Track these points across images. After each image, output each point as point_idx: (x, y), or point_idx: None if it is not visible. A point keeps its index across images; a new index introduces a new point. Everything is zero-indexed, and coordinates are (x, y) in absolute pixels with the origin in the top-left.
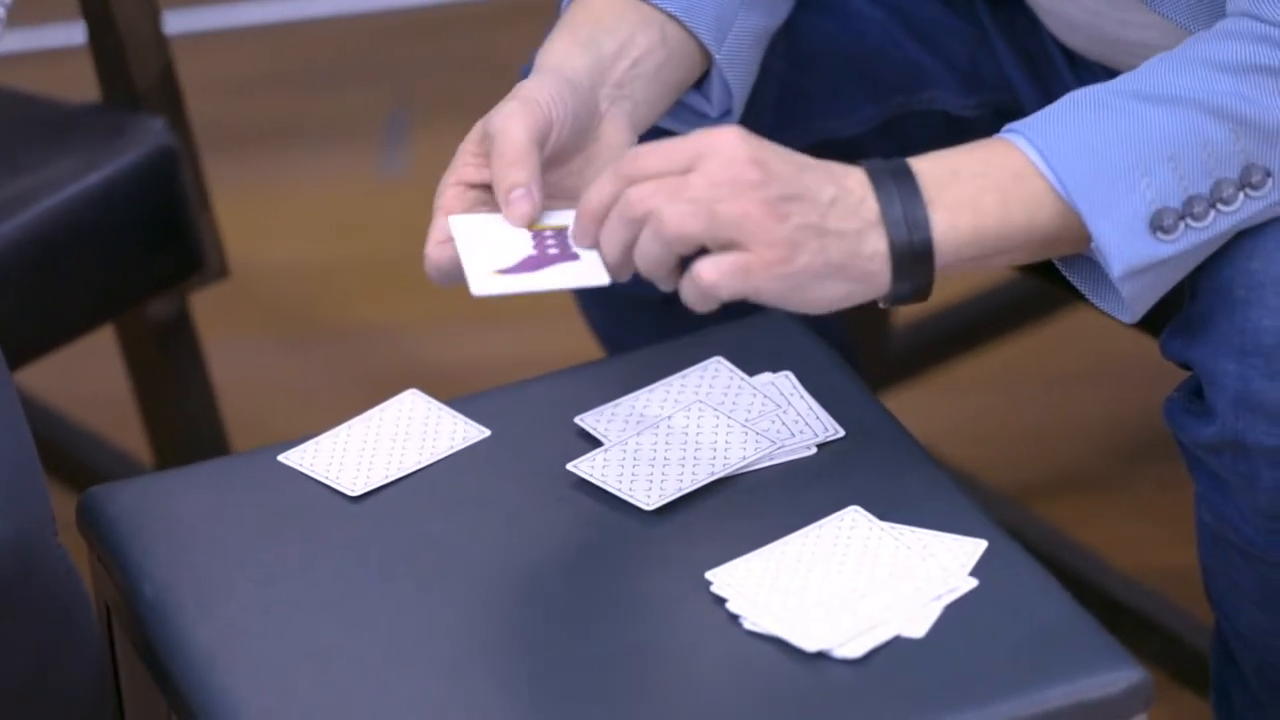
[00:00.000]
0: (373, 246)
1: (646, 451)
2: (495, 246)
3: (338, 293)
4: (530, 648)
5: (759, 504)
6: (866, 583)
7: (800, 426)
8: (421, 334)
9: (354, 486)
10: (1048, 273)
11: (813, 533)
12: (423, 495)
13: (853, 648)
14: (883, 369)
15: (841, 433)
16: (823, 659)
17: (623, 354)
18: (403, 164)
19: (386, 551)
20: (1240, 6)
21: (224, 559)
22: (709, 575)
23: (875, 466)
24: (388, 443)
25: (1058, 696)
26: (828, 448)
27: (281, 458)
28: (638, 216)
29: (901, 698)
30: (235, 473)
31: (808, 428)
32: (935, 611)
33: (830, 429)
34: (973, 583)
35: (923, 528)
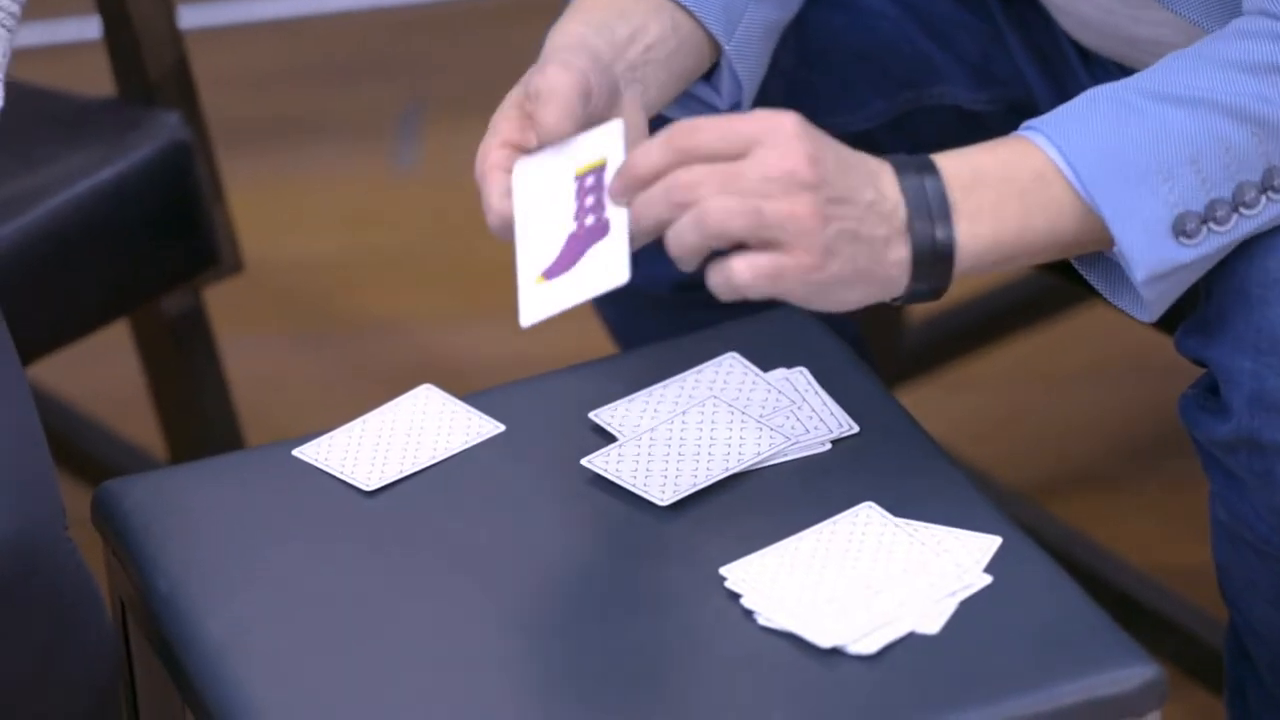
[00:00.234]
0: (387, 241)
1: (661, 447)
2: (546, 210)
3: (352, 287)
4: (544, 643)
5: (773, 500)
6: (881, 579)
7: (815, 422)
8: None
9: (369, 481)
10: (1063, 270)
11: (827, 529)
12: (437, 490)
13: (867, 644)
14: (897, 365)
15: (856, 429)
16: (837, 655)
17: (637, 349)
18: (417, 159)
19: (400, 546)
20: (1257, 5)
21: (238, 553)
22: (723, 571)
23: (889, 463)
24: (402, 438)
25: (1072, 693)
26: (842, 444)
27: (296, 452)
28: (684, 201)
29: (916, 694)
30: (250, 467)
31: (822, 424)
32: (950, 608)
33: (844, 425)
34: (987, 579)
35: (937, 524)
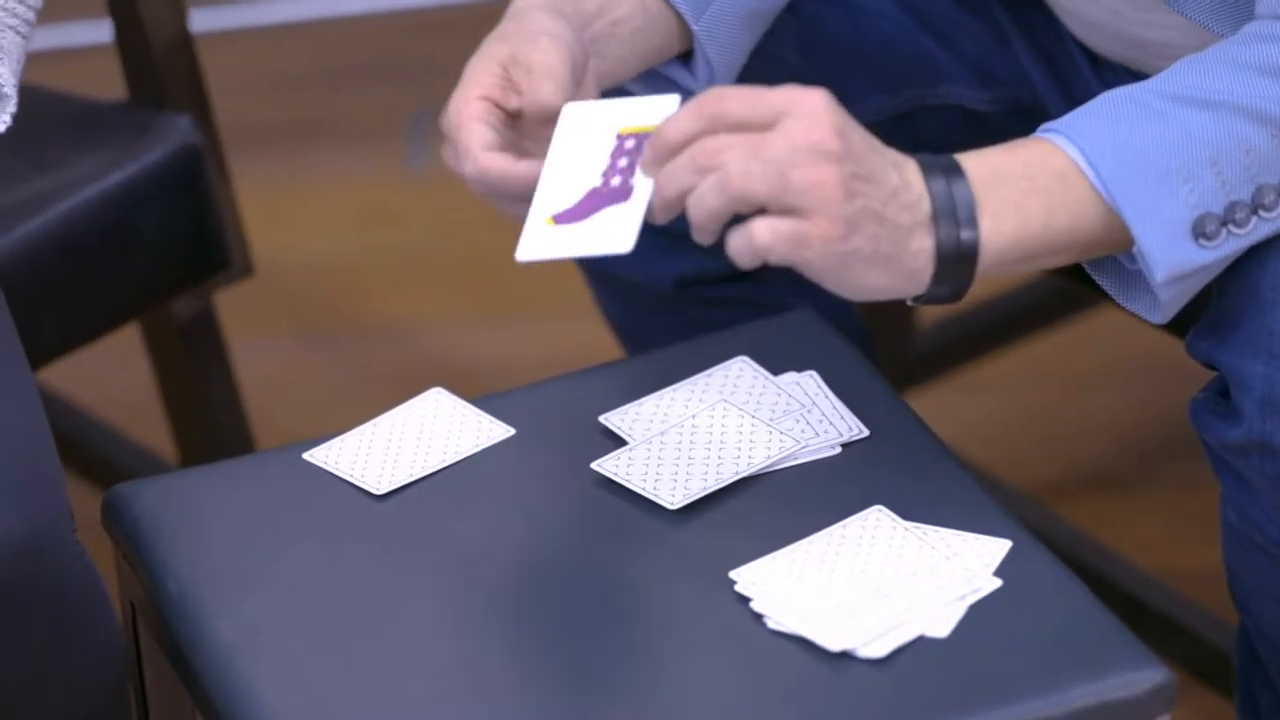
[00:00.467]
0: (397, 244)
1: (671, 450)
2: (579, 158)
3: (362, 290)
4: (553, 646)
5: (783, 503)
6: (890, 582)
7: (824, 426)
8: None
9: (379, 485)
10: (1073, 273)
11: (837, 532)
12: (447, 494)
13: (876, 647)
14: (907, 368)
15: (866, 432)
16: (846, 658)
17: (646, 353)
18: (427, 162)
19: (410, 550)
20: (1271, 9)
21: (248, 557)
22: (733, 574)
23: (899, 466)
24: (412, 441)
25: (1081, 696)
26: (852, 447)
27: (306, 456)
28: (708, 166)
29: (925, 697)
30: (260, 471)
31: (832, 427)
32: (959, 611)
33: (854, 429)
34: (996, 583)
35: (946, 527)
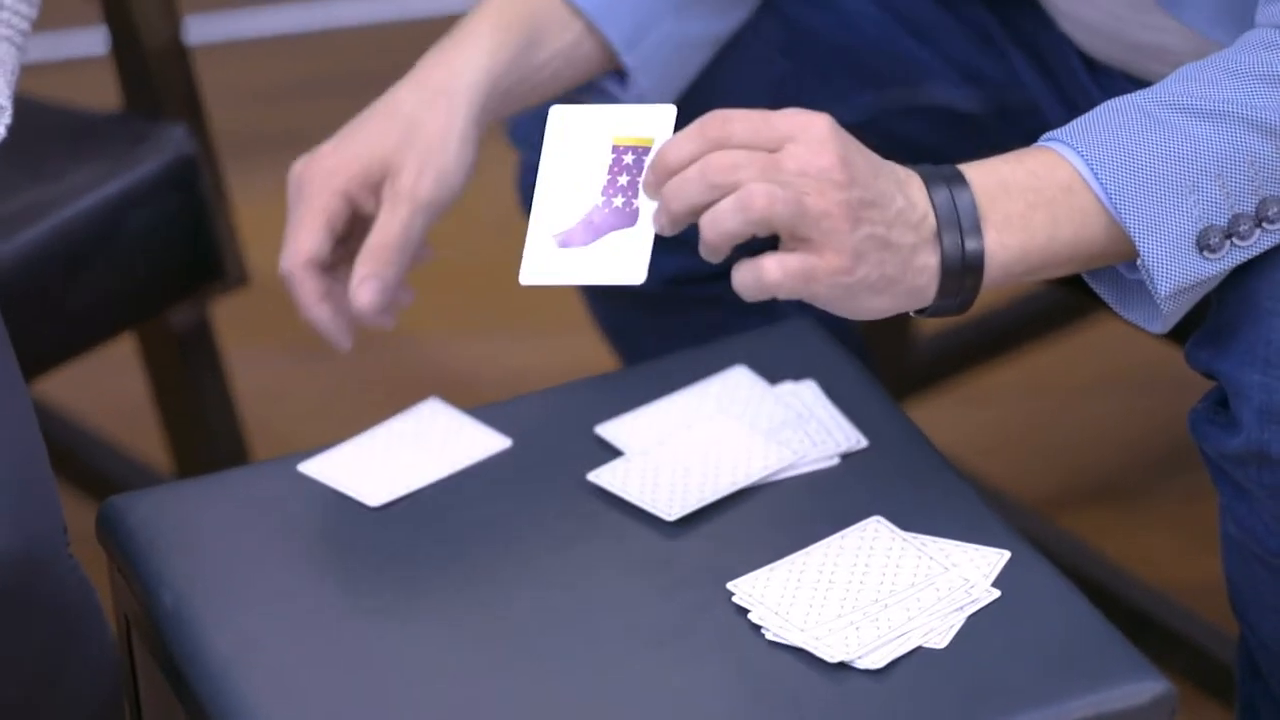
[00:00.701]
0: None
1: (668, 461)
2: (574, 167)
3: None
4: (550, 658)
5: (781, 514)
6: (889, 593)
7: (823, 436)
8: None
9: (375, 497)
10: (1070, 282)
11: (835, 543)
12: (443, 505)
13: (875, 659)
14: (906, 379)
15: (865, 443)
16: (845, 670)
17: (642, 361)
18: None
19: (406, 562)
20: (1270, 17)
21: (243, 569)
22: (731, 585)
23: (898, 477)
24: (408, 452)
25: (1081, 708)
26: (850, 458)
27: (301, 467)
28: (722, 183)
29: (924, 709)
30: (255, 482)
31: (830, 438)
32: (958, 622)
33: (853, 439)
34: (995, 593)
35: (945, 538)
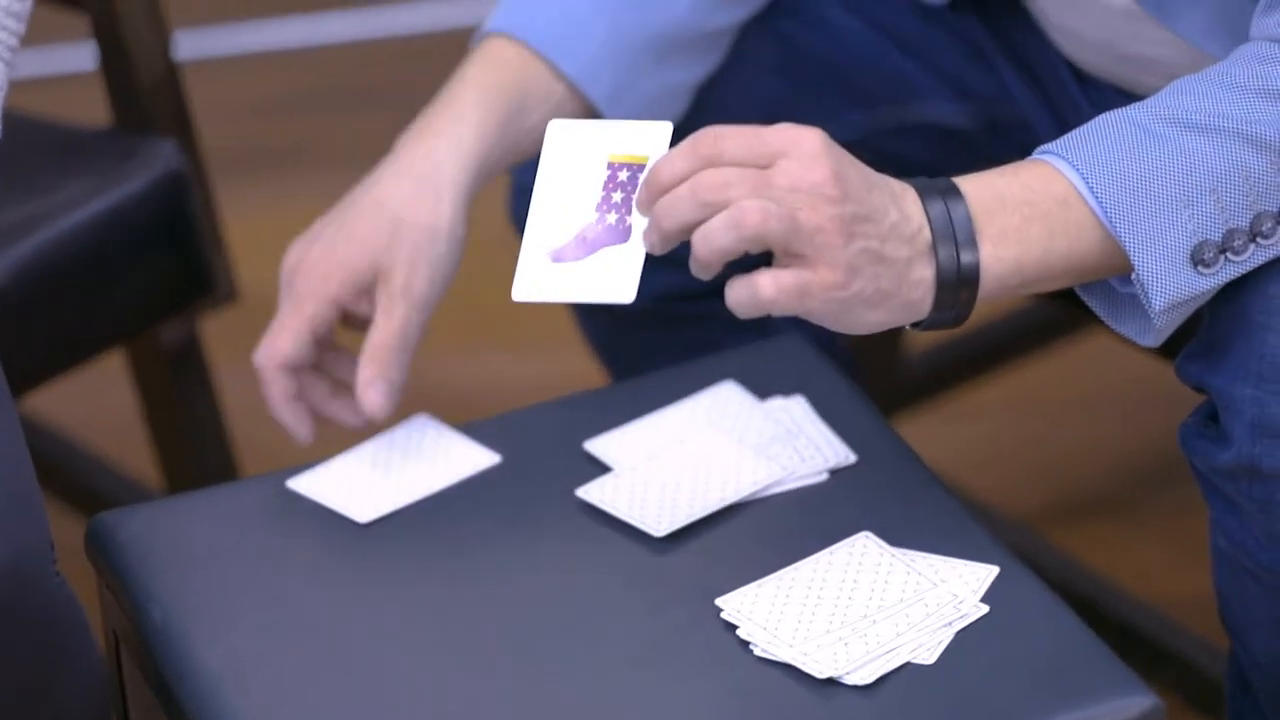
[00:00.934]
0: None
1: (657, 477)
2: (570, 183)
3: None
4: (540, 674)
5: (770, 530)
6: (877, 609)
7: (812, 452)
8: (431, 358)
9: (363, 513)
10: (1060, 296)
11: (824, 559)
12: (432, 521)
13: (863, 674)
14: (896, 395)
15: (854, 458)
16: (833, 686)
17: (631, 377)
18: None
19: (395, 578)
20: (1267, 31)
21: (232, 585)
22: (719, 601)
23: (887, 493)
24: (397, 467)
25: None
26: (839, 474)
27: (290, 483)
28: (713, 201)
29: None
30: (244, 498)
31: (819, 453)
32: (946, 638)
33: (842, 455)
34: (984, 609)
35: (934, 554)
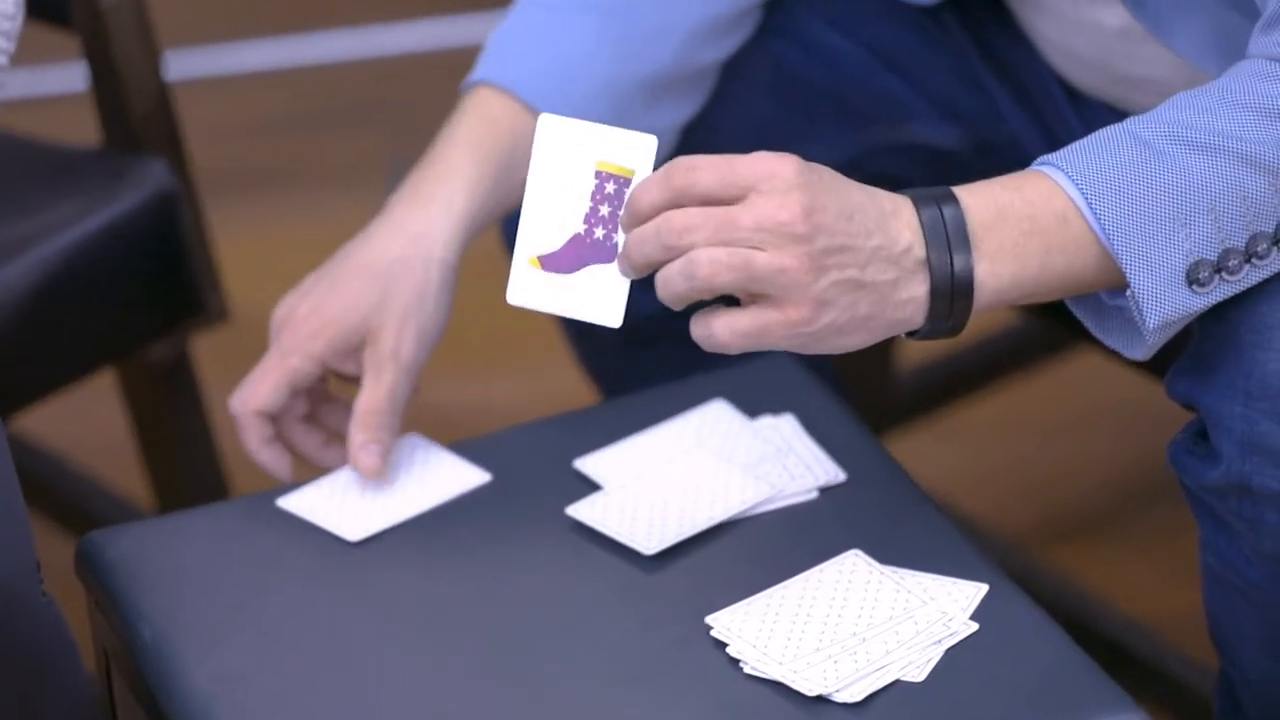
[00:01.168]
0: None
1: (647, 495)
2: (560, 186)
3: None
4: (530, 693)
5: (760, 548)
6: (867, 627)
7: (801, 470)
8: (422, 378)
9: (354, 532)
10: (1049, 316)
11: (813, 577)
12: (422, 540)
13: (853, 692)
14: (886, 414)
15: (843, 477)
16: (823, 703)
17: (621, 396)
18: None
19: (386, 598)
20: (1263, 49)
21: (223, 605)
22: (709, 619)
23: (876, 510)
24: (387, 486)
25: None
26: (829, 492)
27: (280, 502)
28: (675, 245)
29: None
30: (235, 517)
31: (809, 472)
32: (936, 655)
33: (832, 473)
34: (973, 626)
35: (923, 572)
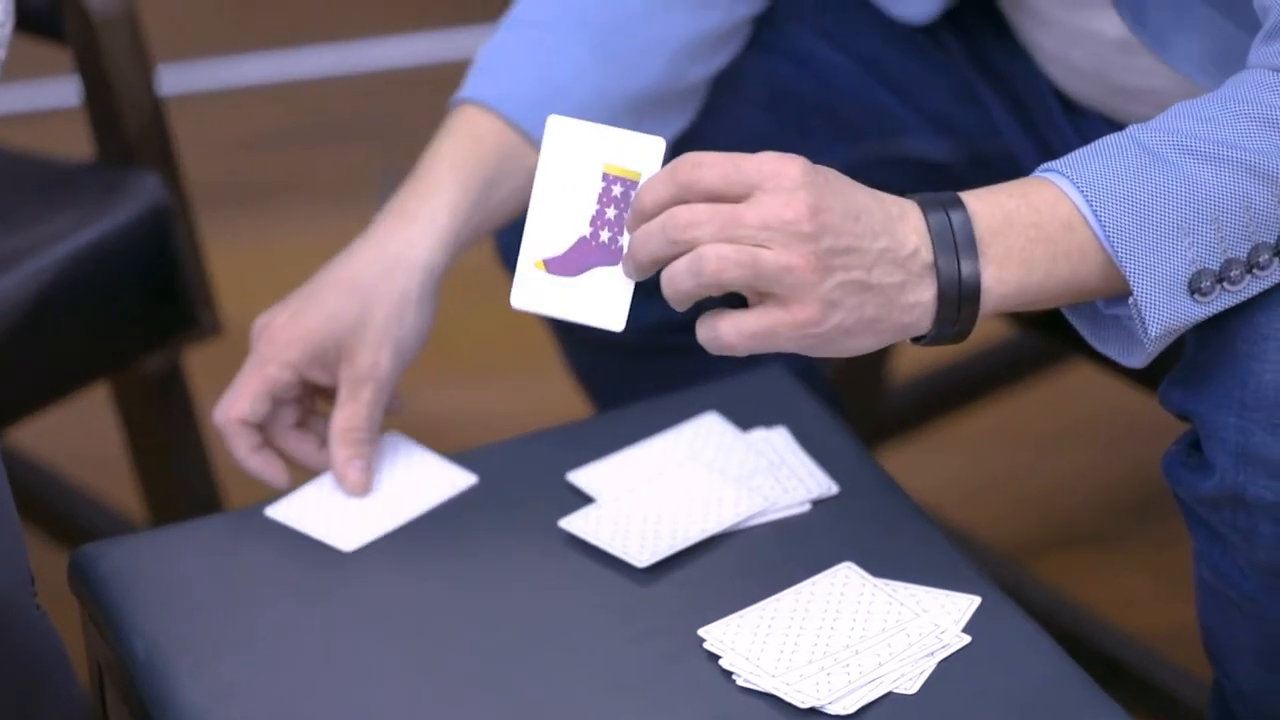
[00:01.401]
0: None
1: (640, 508)
2: (566, 187)
3: None
4: (523, 705)
5: (752, 560)
6: (859, 639)
7: (794, 483)
8: (414, 389)
9: (348, 541)
10: (1044, 327)
11: (806, 589)
12: (415, 553)
13: (846, 704)
14: (878, 426)
15: (836, 489)
16: (816, 716)
17: (614, 408)
18: None
19: (379, 610)
20: (1264, 59)
21: (216, 617)
22: (702, 632)
23: (869, 523)
24: (376, 491)
25: None
26: (822, 504)
27: (269, 511)
28: (680, 240)
29: None
30: (228, 530)
31: (801, 484)
32: (928, 668)
33: (824, 486)
34: (966, 639)
35: (916, 584)
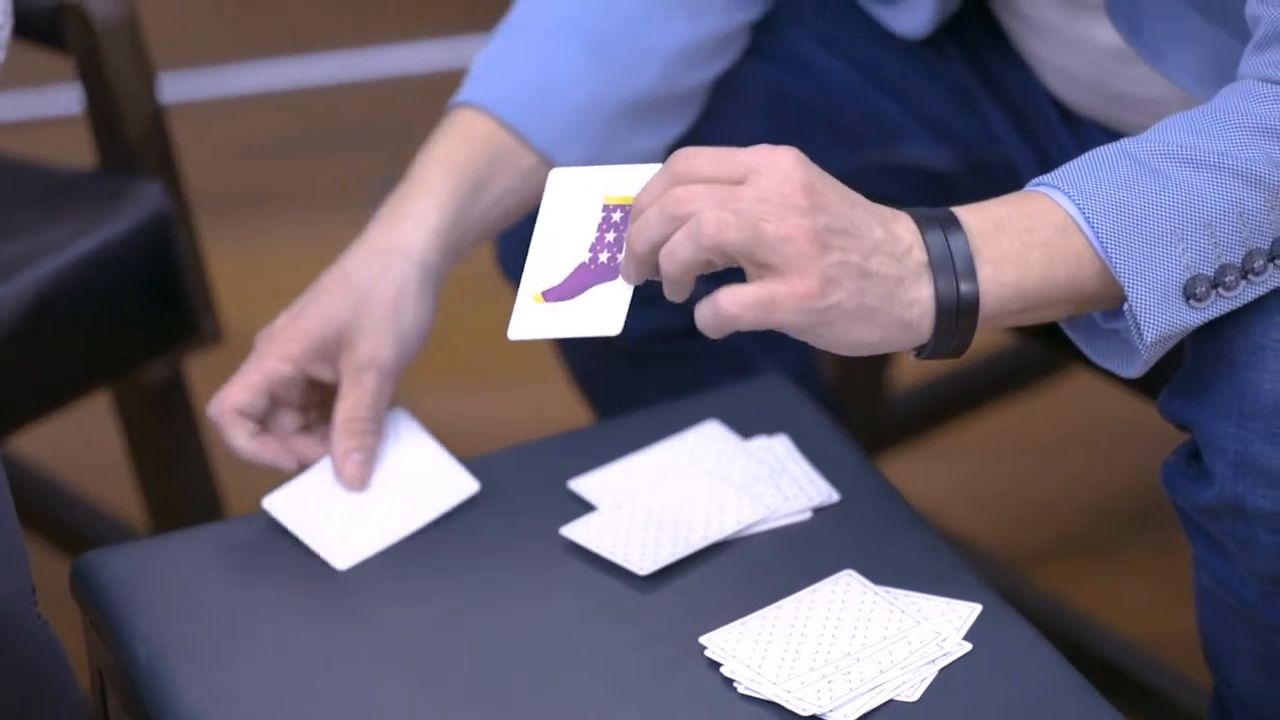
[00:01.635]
0: None
1: (641, 516)
2: (567, 227)
3: None
4: (524, 712)
5: (753, 568)
6: (861, 647)
7: (795, 491)
8: (415, 396)
9: (343, 559)
10: (1043, 336)
11: (807, 597)
12: (415, 560)
13: (847, 712)
14: (878, 434)
15: (837, 497)
16: None
17: (615, 416)
18: None
19: (380, 617)
20: (1257, 70)
21: (217, 625)
22: (703, 639)
23: (870, 531)
24: (375, 495)
25: None
26: (823, 512)
27: (266, 503)
28: (678, 215)
29: None
30: (229, 537)
31: (802, 492)
32: (929, 675)
33: (825, 493)
34: (967, 646)
35: (917, 592)
